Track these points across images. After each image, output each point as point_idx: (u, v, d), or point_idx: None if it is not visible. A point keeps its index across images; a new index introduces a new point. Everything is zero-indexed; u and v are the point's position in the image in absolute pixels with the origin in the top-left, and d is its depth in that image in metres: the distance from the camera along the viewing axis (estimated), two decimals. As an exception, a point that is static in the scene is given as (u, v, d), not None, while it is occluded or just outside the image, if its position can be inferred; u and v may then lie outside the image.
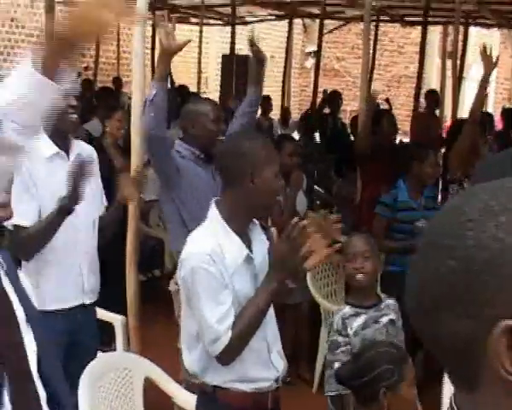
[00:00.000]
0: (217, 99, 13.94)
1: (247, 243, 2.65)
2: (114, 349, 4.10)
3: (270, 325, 2.75)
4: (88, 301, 3.50)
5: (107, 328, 4.03)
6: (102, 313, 3.88)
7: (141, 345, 4.11)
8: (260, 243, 2.73)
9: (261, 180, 2.57)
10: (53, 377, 1.85)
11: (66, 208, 3.13)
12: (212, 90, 16.56)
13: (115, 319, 4.17)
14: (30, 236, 3.22)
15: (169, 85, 5.72)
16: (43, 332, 1.87)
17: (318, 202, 7.58)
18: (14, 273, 1.82)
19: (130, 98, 12.33)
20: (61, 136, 3.32)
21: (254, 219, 2.74)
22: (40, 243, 3.24)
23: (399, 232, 4.77)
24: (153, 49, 11.78)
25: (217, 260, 2.49)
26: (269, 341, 2.73)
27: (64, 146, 3.34)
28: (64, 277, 3.35)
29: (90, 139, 5.42)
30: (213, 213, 2.65)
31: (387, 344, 2.82)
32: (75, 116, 3.28)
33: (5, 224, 3.20)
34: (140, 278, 4.42)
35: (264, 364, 2.71)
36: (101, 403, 3.15)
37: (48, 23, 8.07)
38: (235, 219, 2.61)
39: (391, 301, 3.41)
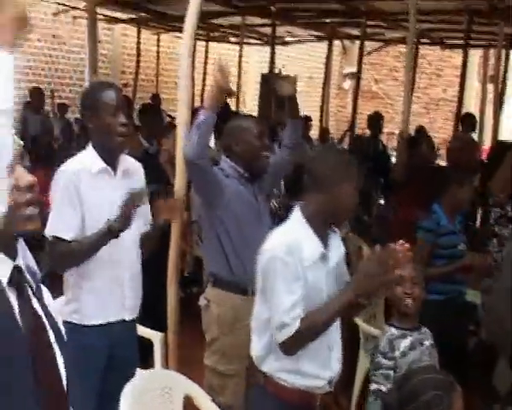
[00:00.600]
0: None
1: (325, 245, 2.81)
2: (150, 366, 4.08)
3: (335, 330, 2.86)
4: (128, 317, 3.50)
5: (143, 344, 4.02)
6: (142, 330, 3.87)
7: (179, 363, 4.10)
8: (337, 249, 2.91)
9: (344, 192, 2.74)
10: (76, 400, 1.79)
11: (113, 232, 3.16)
12: (250, 110, 16.58)
13: (154, 335, 4.17)
14: (72, 251, 3.23)
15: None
16: (67, 350, 1.81)
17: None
18: (39, 292, 1.77)
19: (168, 116, 12.48)
20: (108, 151, 3.33)
21: (333, 227, 2.90)
22: (81, 260, 3.25)
23: (440, 258, 4.69)
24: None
25: (293, 252, 2.67)
26: (330, 343, 2.84)
27: (111, 161, 3.35)
28: (106, 292, 3.35)
29: (145, 155, 5.48)
30: (296, 213, 2.83)
31: (434, 370, 2.79)
32: (125, 133, 3.29)
33: (46, 235, 3.24)
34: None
35: (322, 362, 2.82)
36: (142, 420, 3.15)
37: (89, 40, 8.19)
38: (315, 220, 2.78)
39: (425, 328, 3.47)
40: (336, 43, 15.01)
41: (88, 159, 3.31)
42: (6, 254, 1.58)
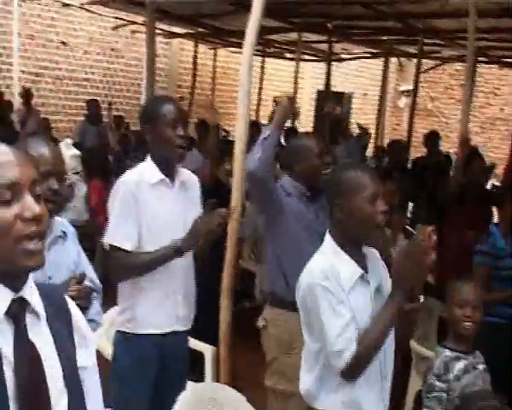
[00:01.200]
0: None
1: (363, 267, 2.71)
2: (200, 379, 4.08)
3: (390, 358, 2.76)
4: (181, 329, 3.52)
5: (194, 357, 4.03)
6: (193, 342, 3.88)
7: (229, 377, 4.10)
8: (377, 269, 2.79)
9: (349, 209, 2.64)
10: None
11: (180, 251, 3.19)
12: (305, 126, 16.58)
13: (205, 348, 4.18)
14: (131, 262, 3.26)
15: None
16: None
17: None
18: (61, 319, 1.70)
19: (223, 130, 12.55)
20: (166, 163, 3.37)
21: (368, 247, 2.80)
22: (140, 273, 3.29)
23: (498, 280, 4.61)
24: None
25: (331, 277, 2.59)
26: (384, 372, 2.74)
27: (169, 173, 3.38)
28: (160, 303, 3.38)
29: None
30: (327, 238, 2.76)
31: (490, 396, 2.73)
32: (183, 146, 3.33)
33: (104, 243, 3.28)
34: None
35: (376, 392, 2.72)
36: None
37: (148, 54, 8.29)
38: (344, 244, 2.70)
39: (478, 352, 3.39)
40: (392, 60, 14.95)
41: (147, 170, 3.36)
42: (9, 287, 1.53)
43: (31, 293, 1.58)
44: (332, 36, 11.14)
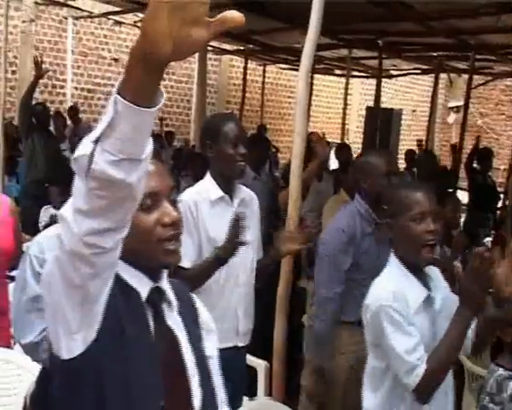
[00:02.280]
0: (358, 151, 13.96)
1: (427, 286, 2.70)
2: (250, 394, 4.06)
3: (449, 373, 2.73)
4: (241, 344, 3.53)
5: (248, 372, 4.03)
6: (247, 358, 3.88)
7: (283, 393, 4.10)
8: (439, 287, 2.77)
9: (399, 228, 2.64)
10: None
11: (221, 259, 3.20)
12: (353, 142, 16.56)
13: (259, 364, 4.17)
14: (188, 278, 3.28)
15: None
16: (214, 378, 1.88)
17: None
18: (189, 311, 1.86)
19: (273, 146, 12.57)
20: (226, 180, 3.41)
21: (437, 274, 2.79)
22: (194, 287, 3.31)
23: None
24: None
25: (399, 299, 2.57)
26: (447, 388, 2.72)
27: (229, 190, 3.41)
28: (220, 318, 3.38)
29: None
30: (391, 258, 2.74)
31: None
32: (243, 163, 3.35)
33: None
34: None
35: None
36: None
37: (199, 71, 8.41)
38: (407, 263, 2.68)
39: None
40: (442, 75, 14.86)
41: (207, 187, 3.39)
42: (149, 277, 1.72)
43: (166, 285, 1.78)
44: (382, 52, 11.11)
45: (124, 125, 1.20)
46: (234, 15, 1.12)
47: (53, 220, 7.55)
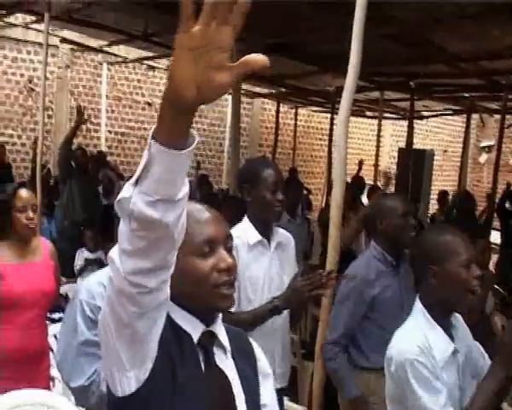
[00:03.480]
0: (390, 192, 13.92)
1: (451, 336, 2.63)
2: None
3: None
4: (277, 386, 3.51)
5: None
6: (285, 403, 3.86)
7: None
8: (462, 336, 2.70)
9: (443, 274, 2.57)
10: None
11: (278, 310, 3.20)
12: (385, 184, 16.53)
13: (297, 409, 4.16)
14: (234, 323, 3.27)
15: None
16: None
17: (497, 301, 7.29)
18: (245, 356, 1.87)
19: (305, 189, 12.57)
20: (264, 224, 3.43)
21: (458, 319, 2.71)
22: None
23: None
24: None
25: (426, 352, 2.50)
26: None
27: (266, 234, 3.44)
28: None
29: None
30: (418, 306, 2.67)
31: None
32: (280, 209, 3.38)
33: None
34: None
35: None
36: None
37: (233, 114, 8.47)
38: (435, 312, 2.61)
39: None
40: (473, 116, 14.84)
41: (245, 231, 3.41)
42: (201, 321, 1.76)
43: (219, 329, 1.81)
44: (414, 93, 11.14)
45: (158, 167, 1.26)
46: (257, 58, 1.16)
47: (87, 263, 7.65)
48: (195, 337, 1.73)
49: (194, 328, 1.74)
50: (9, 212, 3.64)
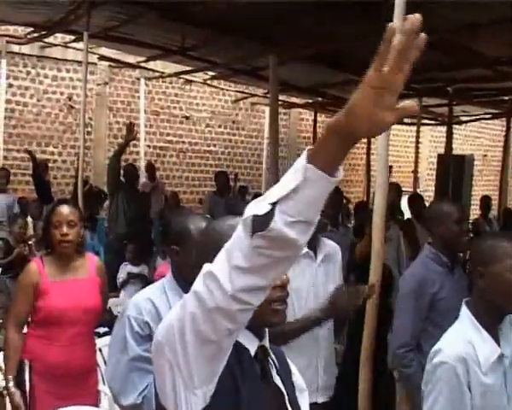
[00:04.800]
0: (430, 199, 13.82)
1: (497, 341, 2.61)
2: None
3: None
4: (321, 400, 3.50)
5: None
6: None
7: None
8: (508, 338, 2.67)
9: (491, 277, 2.56)
10: None
11: (319, 322, 3.21)
12: (424, 190, 16.43)
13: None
14: (276, 333, 3.27)
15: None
16: None
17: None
18: (285, 372, 1.89)
19: (344, 198, 12.52)
20: (310, 237, 3.40)
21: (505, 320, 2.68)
22: (284, 342, 3.31)
23: None
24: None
25: (466, 359, 2.49)
26: None
27: (313, 246, 3.44)
28: (301, 372, 3.38)
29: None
30: (464, 312, 2.66)
31: None
32: (323, 219, 3.35)
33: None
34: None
35: None
36: None
37: (271, 125, 8.50)
38: (482, 316, 2.60)
39: None
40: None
41: None
42: (255, 335, 1.77)
43: (267, 343, 1.83)
44: (452, 99, 11.07)
45: (310, 190, 1.29)
46: (411, 104, 1.25)
47: (130, 277, 7.72)
48: (252, 351, 1.75)
49: (250, 342, 1.75)
50: (49, 229, 3.70)
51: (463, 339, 2.56)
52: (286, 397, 1.79)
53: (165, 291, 2.81)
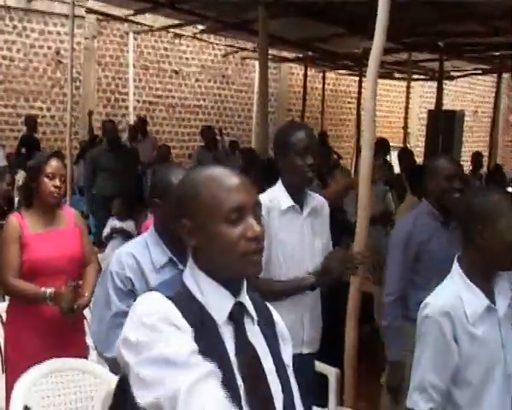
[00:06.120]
0: (420, 155, 13.82)
1: (491, 294, 2.64)
2: (321, 402, 4.04)
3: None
4: (306, 351, 3.51)
5: (318, 380, 4.00)
6: (317, 365, 3.85)
7: (354, 401, 4.08)
8: (505, 295, 2.70)
9: (491, 235, 2.55)
10: None
11: (311, 286, 3.21)
12: (414, 145, 16.42)
13: (330, 371, 4.15)
14: (268, 290, 3.20)
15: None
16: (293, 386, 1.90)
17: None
18: (267, 322, 1.87)
19: (334, 153, 12.51)
20: (297, 190, 3.40)
21: (501, 273, 2.71)
22: (275, 299, 3.28)
23: None
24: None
25: (453, 313, 2.55)
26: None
27: (299, 199, 3.41)
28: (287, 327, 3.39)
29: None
30: (455, 267, 2.69)
31: None
32: (311, 173, 3.36)
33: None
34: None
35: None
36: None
37: (260, 79, 8.42)
38: (474, 274, 2.63)
39: None
40: (504, 76, 14.62)
41: (278, 196, 3.38)
42: (231, 292, 1.74)
43: (246, 298, 1.79)
44: (443, 54, 10.99)
45: None
46: None
47: (113, 232, 7.72)
48: (227, 310, 1.71)
49: (223, 303, 1.72)
50: (39, 179, 3.70)
51: (451, 293, 2.61)
52: (261, 352, 1.77)
53: (147, 246, 2.80)
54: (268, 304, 1.95)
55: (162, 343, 1.57)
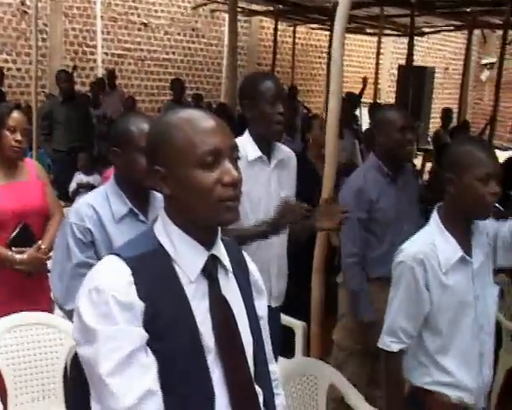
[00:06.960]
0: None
1: (467, 246, 2.69)
2: (288, 355, 4.07)
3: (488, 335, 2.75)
4: (274, 305, 3.52)
5: (285, 333, 4.02)
6: (283, 318, 3.87)
7: (321, 352, 4.11)
8: (481, 248, 2.75)
9: (462, 185, 2.58)
10: (267, 379, 1.86)
11: (265, 235, 3.16)
12: (385, 101, 16.41)
13: (296, 324, 4.18)
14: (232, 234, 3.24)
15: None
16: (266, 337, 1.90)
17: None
18: (241, 271, 1.83)
19: (304, 107, 12.48)
20: (265, 141, 3.35)
21: (480, 227, 2.76)
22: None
23: None
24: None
25: (426, 260, 2.61)
26: (482, 349, 2.72)
27: (267, 150, 3.36)
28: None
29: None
30: (433, 216, 2.74)
31: None
32: (281, 124, 3.28)
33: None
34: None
35: (475, 373, 2.69)
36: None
37: (230, 32, 8.34)
38: (450, 222, 2.68)
39: None
40: (475, 32, 14.63)
41: (245, 147, 3.28)
42: (204, 245, 1.67)
43: (219, 249, 1.72)
44: (414, 9, 10.93)
45: None
46: None
47: (79, 187, 7.65)
48: (200, 265, 1.65)
49: (197, 254, 1.66)
50: (0, 132, 3.63)
51: (426, 241, 2.67)
52: (235, 304, 1.72)
53: (107, 196, 2.76)
54: (244, 254, 1.91)
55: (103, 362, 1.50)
